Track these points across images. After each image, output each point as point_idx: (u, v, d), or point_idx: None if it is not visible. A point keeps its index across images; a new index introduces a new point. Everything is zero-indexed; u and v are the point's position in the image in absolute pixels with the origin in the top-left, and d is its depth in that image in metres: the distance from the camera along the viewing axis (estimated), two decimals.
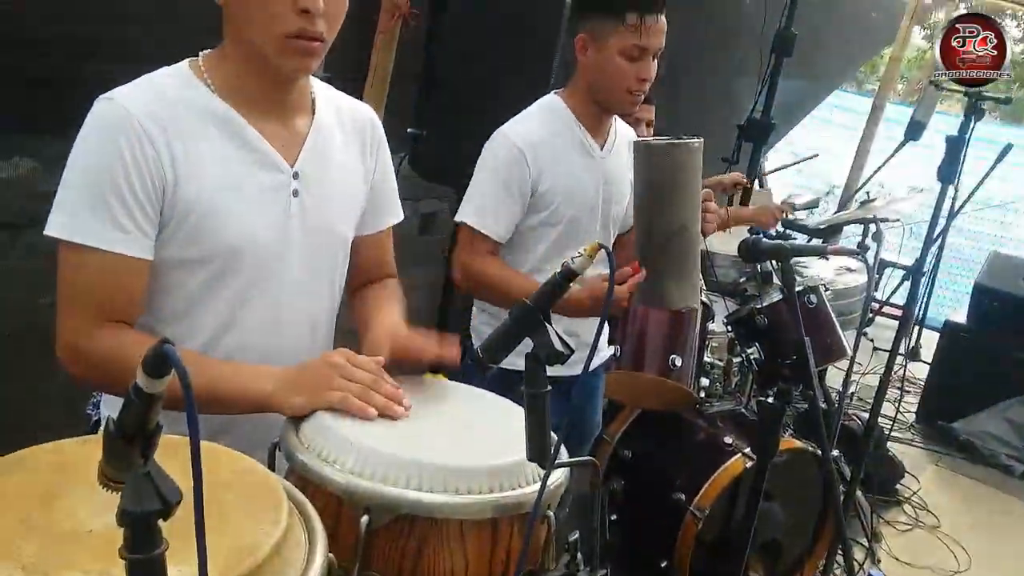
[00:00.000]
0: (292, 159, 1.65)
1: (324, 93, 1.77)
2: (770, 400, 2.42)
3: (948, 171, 3.38)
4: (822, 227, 4.08)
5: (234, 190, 1.57)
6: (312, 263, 1.73)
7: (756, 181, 8.69)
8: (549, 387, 1.27)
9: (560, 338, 1.29)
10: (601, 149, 2.60)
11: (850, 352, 3.46)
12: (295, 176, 1.65)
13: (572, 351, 1.31)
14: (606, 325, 2.82)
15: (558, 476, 1.41)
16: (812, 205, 4.50)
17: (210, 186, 1.54)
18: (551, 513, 1.40)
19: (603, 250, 1.29)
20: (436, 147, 3.46)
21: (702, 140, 2.36)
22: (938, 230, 3.56)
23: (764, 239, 2.47)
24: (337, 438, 1.34)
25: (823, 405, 4.84)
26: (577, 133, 2.55)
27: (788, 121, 8.14)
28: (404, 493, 1.26)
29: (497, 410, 1.61)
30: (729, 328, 3.54)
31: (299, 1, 1.45)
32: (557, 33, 3.38)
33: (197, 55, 1.62)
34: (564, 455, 1.45)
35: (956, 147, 3.35)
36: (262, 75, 1.58)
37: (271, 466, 1.39)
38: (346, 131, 1.79)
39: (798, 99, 7.92)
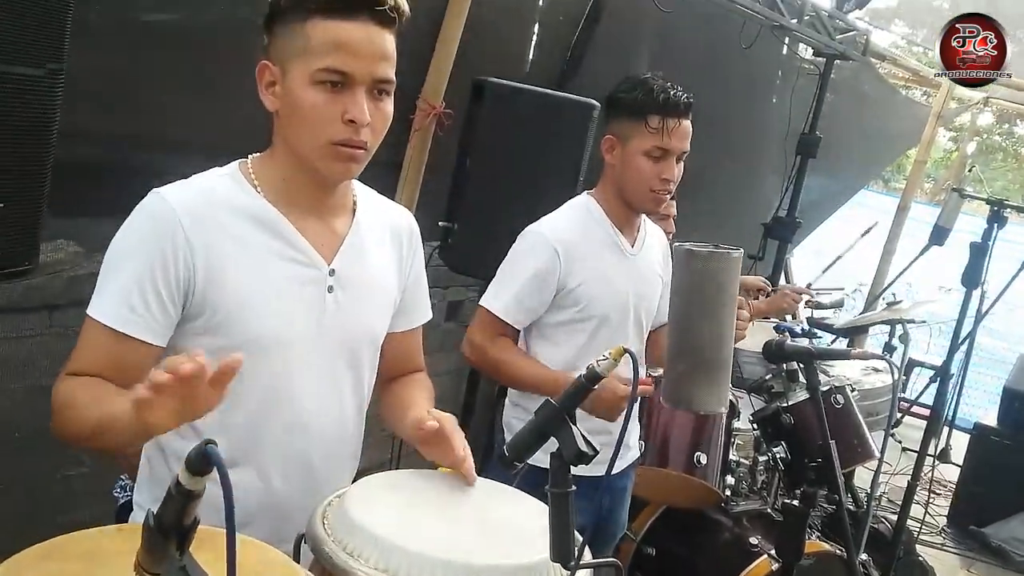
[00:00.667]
0: (330, 257, 1.70)
1: (365, 196, 1.84)
2: (795, 503, 2.39)
3: (972, 276, 3.40)
4: (848, 327, 4.09)
5: (267, 284, 1.62)
6: (344, 358, 1.76)
7: (783, 277, 8.78)
8: (573, 487, 1.28)
9: (584, 438, 1.31)
10: (632, 247, 2.65)
11: (877, 454, 3.43)
12: (331, 273, 1.69)
13: (596, 452, 1.33)
14: (638, 424, 2.83)
15: None
16: (838, 304, 4.51)
17: (244, 281, 1.59)
18: None
19: (628, 354, 1.31)
20: (465, 240, 3.50)
21: (742, 251, 2.39)
22: (965, 332, 3.55)
23: (789, 341, 2.48)
24: (363, 533, 1.35)
25: (851, 507, 4.82)
26: (610, 232, 2.59)
27: (814, 219, 8.19)
28: None
29: (522, 507, 1.61)
30: (755, 426, 3.52)
31: (347, 113, 1.55)
32: (586, 133, 3.46)
33: (245, 156, 1.70)
34: (588, 556, 1.46)
35: (980, 253, 3.37)
36: (307, 178, 1.65)
37: (296, 558, 1.40)
38: (384, 234, 1.84)
39: (824, 198, 8.00)
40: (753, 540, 3.22)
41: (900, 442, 4.59)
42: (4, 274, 1.81)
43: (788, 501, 2.44)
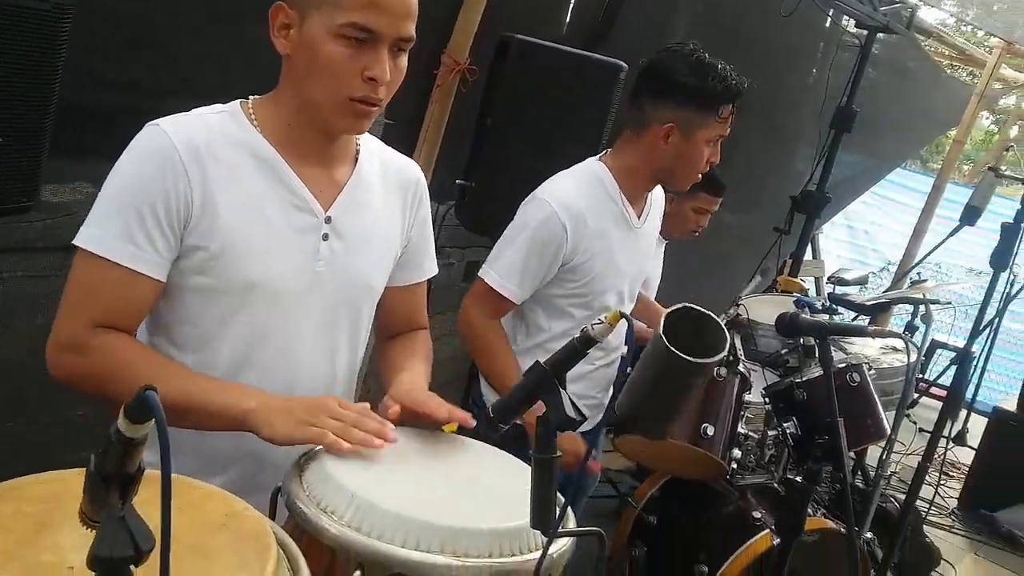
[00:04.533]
0: (327, 204, 1.67)
1: (370, 146, 1.81)
2: (799, 478, 2.37)
3: (1002, 258, 3.32)
4: (870, 304, 4.01)
5: (262, 227, 1.59)
6: (336, 309, 1.74)
7: (811, 251, 8.69)
8: (559, 453, 1.26)
9: (574, 404, 1.28)
10: (639, 218, 2.60)
11: (889, 432, 3.39)
12: (327, 220, 1.67)
13: (585, 418, 1.31)
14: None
15: (563, 544, 1.38)
16: (862, 281, 4.43)
17: (238, 220, 1.57)
18: None
19: (624, 319, 1.29)
20: (482, 199, 3.46)
21: (722, 355, 2.33)
22: (989, 316, 3.48)
23: (804, 315, 2.44)
24: (338, 489, 1.33)
25: (861, 485, 4.78)
26: (620, 204, 2.54)
27: (847, 195, 8.09)
28: (397, 551, 1.24)
29: (508, 469, 1.59)
30: (767, 400, 3.49)
31: (368, 70, 1.52)
32: (611, 95, 3.39)
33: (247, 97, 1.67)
34: (571, 522, 1.44)
35: (1011, 234, 3.29)
36: (312, 126, 1.62)
37: (272, 512, 1.39)
38: (389, 184, 1.82)
39: (858, 174, 7.88)
40: (756, 514, 3.18)
41: (915, 423, 4.52)
42: (3, 210, 1.79)
43: (791, 476, 2.40)
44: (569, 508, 1.32)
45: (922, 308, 4.00)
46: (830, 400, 2.34)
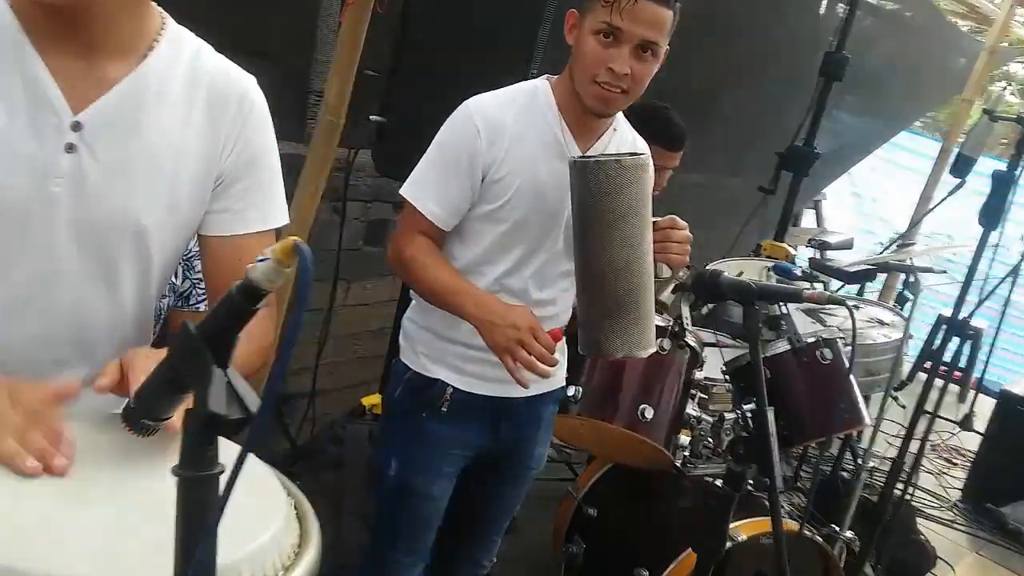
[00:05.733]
0: (80, 106, 1.24)
1: (178, 44, 1.36)
2: (718, 483, 1.88)
3: (992, 213, 2.78)
4: (853, 270, 3.50)
5: None
6: (86, 245, 1.30)
7: (815, 219, 8.18)
8: (221, 467, 0.76)
9: (236, 392, 0.77)
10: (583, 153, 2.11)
11: (868, 420, 2.92)
12: (75, 127, 1.24)
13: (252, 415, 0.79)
14: (564, 358, 2.33)
15: None
16: (845, 246, 3.93)
17: None
18: None
19: (298, 250, 0.77)
20: (400, 138, 2.97)
21: (647, 154, 1.88)
22: (981, 276, 2.97)
23: (726, 276, 1.95)
24: None
25: (844, 475, 4.30)
26: (554, 129, 2.05)
27: (850, 158, 7.65)
28: None
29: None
30: (727, 378, 3.03)
31: None
32: (541, 17, 2.90)
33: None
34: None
35: (1003, 185, 2.75)
36: None
37: None
38: (195, 95, 1.36)
39: (862, 137, 7.44)
40: None
41: (904, 406, 3.98)
42: None
43: (711, 483, 1.91)
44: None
45: (911, 277, 3.52)
46: (756, 381, 1.86)
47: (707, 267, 3.77)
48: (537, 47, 2.92)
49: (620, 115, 2.18)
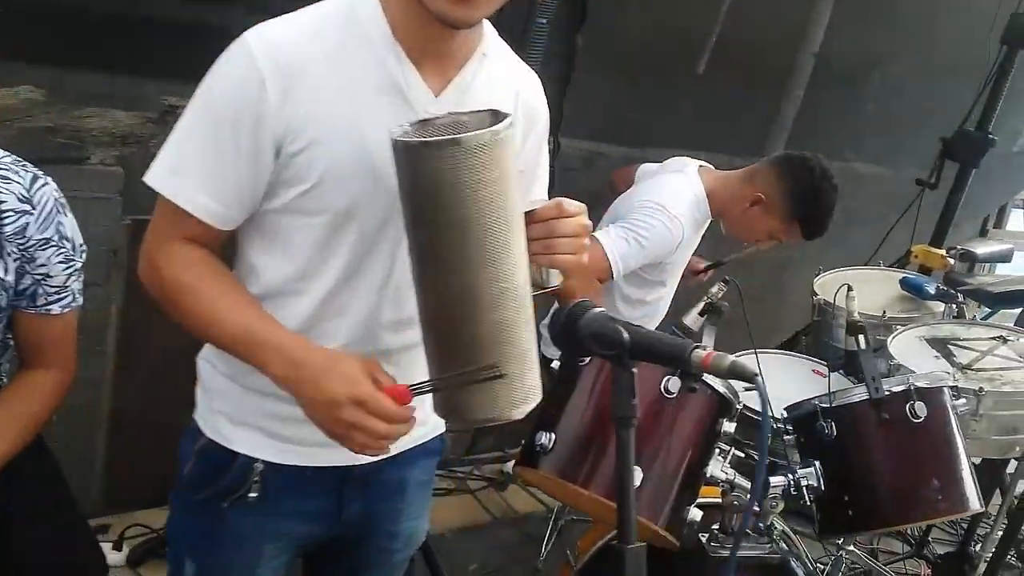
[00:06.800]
0: None
1: None
2: None
3: None
4: (996, 292, 2.67)
5: None
6: None
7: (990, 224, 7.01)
8: None
9: None
10: (437, 94, 1.39)
11: (979, 506, 2.16)
12: None
13: None
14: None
15: None
16: (1002, 258, 3.06)
17: None
18: None
19: None
20: None
21: (509, 120, 1.17)
22: None
23: (592, 312, 1.23)
24: None
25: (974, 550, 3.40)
26: (387, 63, 1.33)
27: None
28: None
29: None
30: (788, 428, 2.34)
31: None
32: None
33: None
34: None
35: None
36: None
37: None
38: None
39: None
40: None
41: None
42: None
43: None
44: None
45: None
46: (624, 474, 1.15)
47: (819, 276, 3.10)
48: None
49: (489, 28, 1.45)
